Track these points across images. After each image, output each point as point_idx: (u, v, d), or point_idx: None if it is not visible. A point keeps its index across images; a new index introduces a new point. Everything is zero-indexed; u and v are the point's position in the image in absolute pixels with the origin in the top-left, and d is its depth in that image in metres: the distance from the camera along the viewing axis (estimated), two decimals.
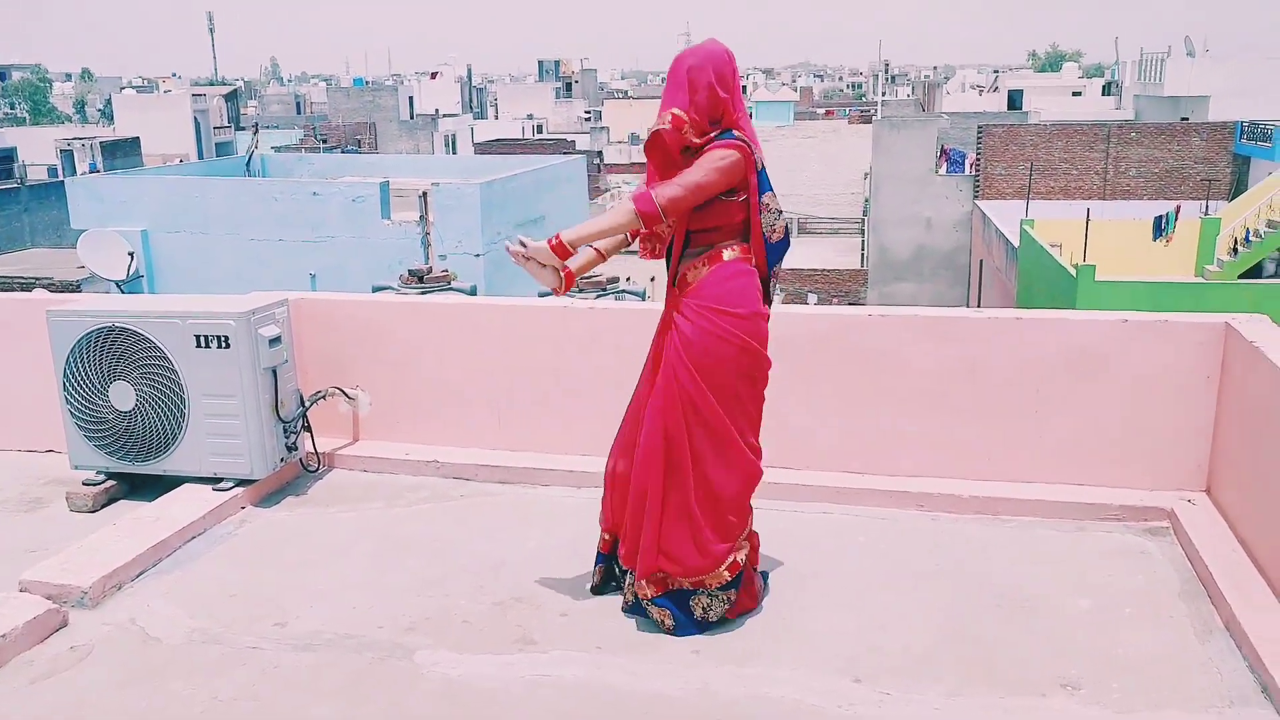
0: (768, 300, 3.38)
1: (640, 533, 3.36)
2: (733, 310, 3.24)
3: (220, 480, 4.46)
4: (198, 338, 4.34)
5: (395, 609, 3.57)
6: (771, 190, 3.31)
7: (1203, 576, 3.62)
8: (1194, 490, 4.18)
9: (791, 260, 37.93)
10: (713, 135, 3.25)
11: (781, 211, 3.36)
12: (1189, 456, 4.18)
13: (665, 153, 3.30)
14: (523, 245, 3.25)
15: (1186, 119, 32.66)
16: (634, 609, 3.46)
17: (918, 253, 31.81)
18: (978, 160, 30.62)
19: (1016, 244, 22.44)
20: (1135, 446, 4.23)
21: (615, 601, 3.58)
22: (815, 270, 35.48)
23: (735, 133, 3.25)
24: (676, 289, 3.37)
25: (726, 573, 3.34)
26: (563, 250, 3.23)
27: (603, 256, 3.44)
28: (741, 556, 3.39)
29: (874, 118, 40.90)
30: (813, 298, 32.82)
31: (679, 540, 3.31)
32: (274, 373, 4.47)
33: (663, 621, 3.36)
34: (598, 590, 3.61)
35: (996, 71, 77.75)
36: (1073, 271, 17.64)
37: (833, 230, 48.01)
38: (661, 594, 3.36)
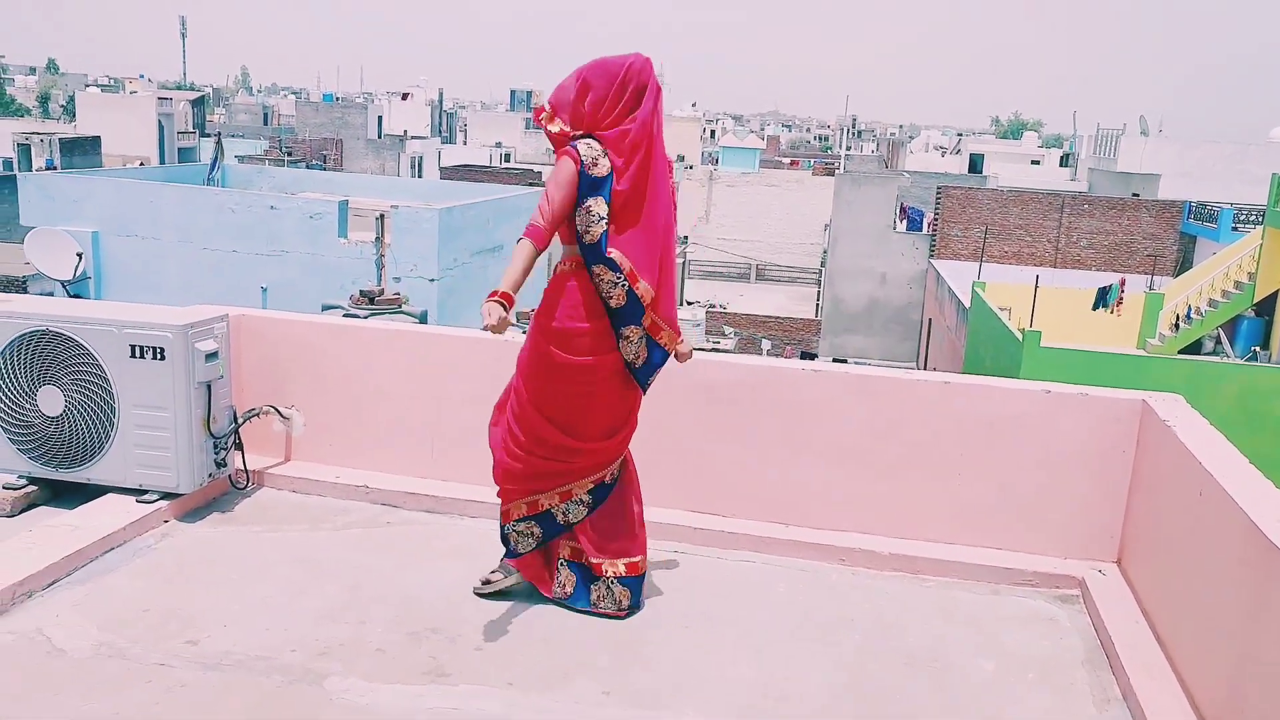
0: (607, 301, 3.57)
1: None
2: (540, 318, 3.66)
3: (145, 492, 4.42)
4: (133, 347, 4.31)
5: (310, 633, 3.55)
6: (604, 197, 3.50)
7: (1106, 646, 3.72)
8: (1105, 560, 4.29)
9: (747, 306, 38.23)
10: (575, 136, 3.55)
11: (604, 218, 3.52)
12: (1102, 528, 4.30)
13: (547, 134, 3.64)
14: (500, 320, 3.36)
15: (1137, 195, 33.53)
16: None
17: (871, 306, 32.25)
18: (935, 219, 31.19)
19: (967, 304, 22.84)
20: (1052, 515, 4.33)
21: (531, 636, 3.60)
22: (770, 317, 35.84)
23: (581, 139, 3.52)
24: None
25: (525, 506, 3.80)
26: (510, 300, 3.42)
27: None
28: (548, 505, 3.79)
29: (837, 171, 41.54)
30: (766, 344, 33.11)
31: (496, 468, 3.87)
32: (208, 387, 4.45)
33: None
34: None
35: (960, 134, 79.40)
36: (1019, 336, 17.98)
37: (790, 279, 48.55)
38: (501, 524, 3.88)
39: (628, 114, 3.51)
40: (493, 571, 3.93)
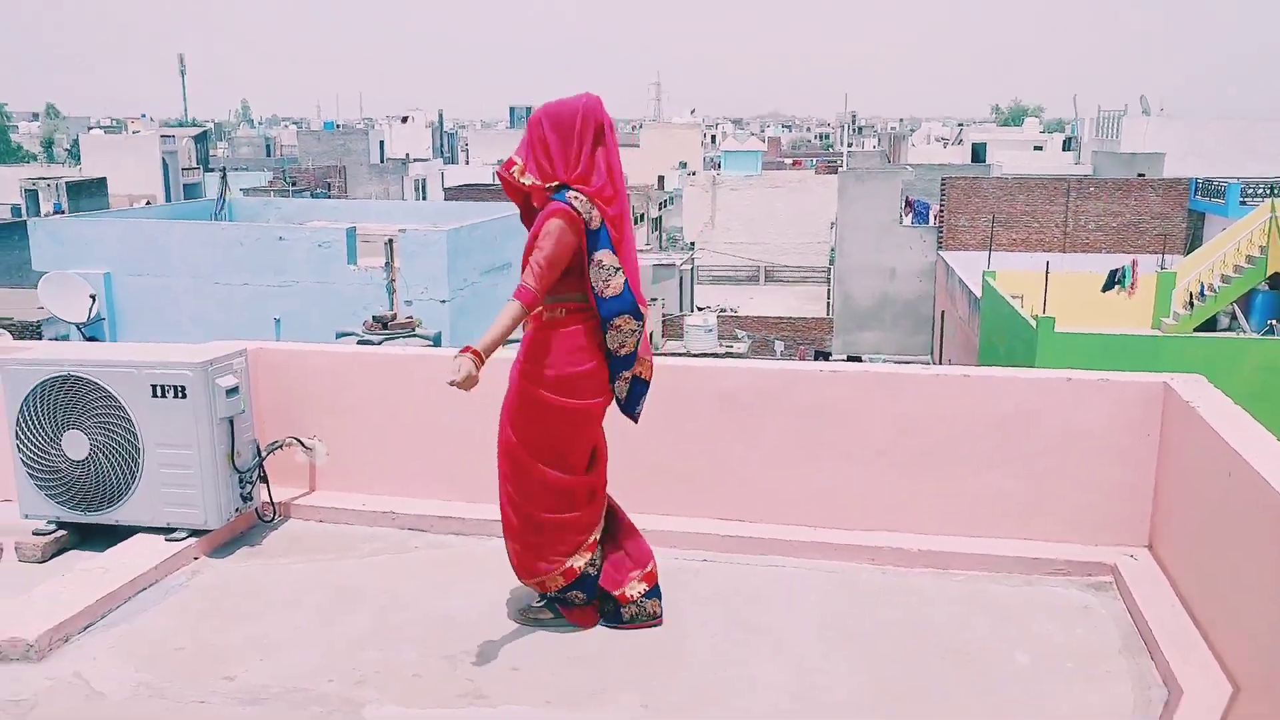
0: (614, 350, 3.61)
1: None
2: (530, 366, 3.60)
3: (173, 530, 4.44)
4: (154, 387, 4.34)
5: (345, 662, 3.56)
6: (610, 248, 3.55)
7: (1143, 632, 3.70)
8: (1136, 546, 4.27)
9: (758, 308, 38.22)
10: (552, 192, 3.52)
11: (619, 269, 3.56)
12: (1131, 513, 4.28)
13: (506, 186, 3.66)
14: (468, 378, 3.36)
15: (1143, 175, 33.41)
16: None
17: (882, 302, 32.19)
18: (941, 211, 31.14)
19: (979, 294, 22.78)
20: (1080, 502, 4.31)
21: (567, 654, 3.60)
22: (782, 318, 35.81)
23: (569, 192, 3.50)
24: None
25: (561, 578, 3.71)
26: (480, 360, 3.40)
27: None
28: (582, 566, 3.73)
29: (840, 168, 41.52)
30: (779, 345, 33.08)
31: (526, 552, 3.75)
32: (230, 423, 4.48)
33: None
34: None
35: (961, 125, 79.32)
36: (1033, 323, 17.92)
37: (799, 279, 48.51)
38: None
39: (591, 155, 3.55)
40: (539, 605, 3.87)
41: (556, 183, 3.54)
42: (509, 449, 3.69)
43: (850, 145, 62.54)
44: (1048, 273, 21.36)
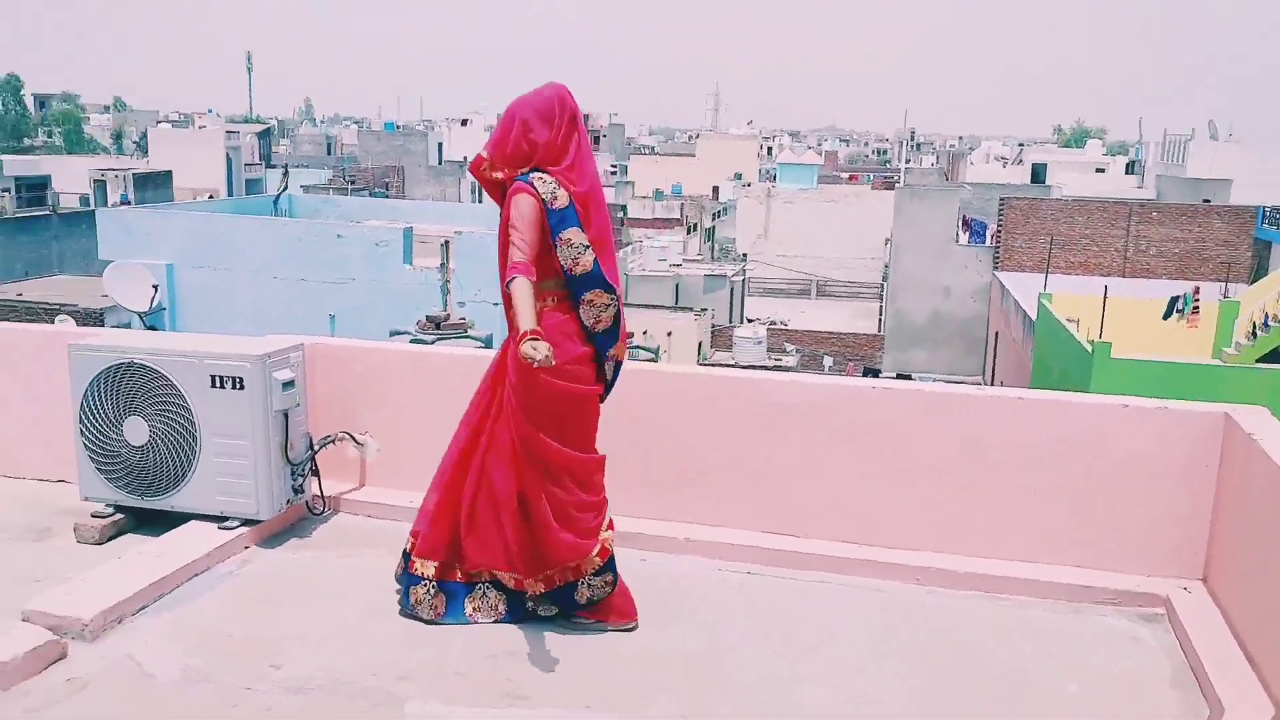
0: (590, 326, 3.69)
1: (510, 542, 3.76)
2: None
3: (226, 519, 4.52)
4: (213, 378, 4.42)
5: (389, 657, 3.60)
6: (578, 226, 3.64)
7: (1195, 666, 3.63)
8: (1190, 578, 4.19)
9: (808, 322, 38.04)
10: (517, 175, 3.64)
11: (588, 246, 3.64)
12: (1186, 544, 4.20)
13: (483, 183, 3.79)
14: (549, 353, 3.40)
15: (1208, 201, 32.79)
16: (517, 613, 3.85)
17: (934, 320, 31.88)
18: (998, 231, 30.78)
19: (1034, 317, 22.47)
20: (1133, 531, 4.24)
21: (609, 658, 3.61)
22: (832, 334, 35.58)
23: (532, 173, 3.62)
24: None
25: (598, 558, 3.74)
26: (540, 335, 3.46)
27: None
28: (609, 541, 3.79)
29: (897, 184, 41.22)
30: (828, 360, 32.88)
31: (553, 540, 3.71)
32: (285, 416, 4.55)
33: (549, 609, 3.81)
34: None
35: (1021, 144, 78.32)
36: (1089, 348, 17.64)
37: (851, 294, 48.18)
38: (545, 592, 3.77)
39: (568, 138, 3.68)
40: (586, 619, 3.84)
41: (524, 169, 3.64)
42: (526, 440, 3.68)
43: (908, 162, 62.07)
44: (1105, 297, 21.03)
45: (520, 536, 3.75)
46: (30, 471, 5.32)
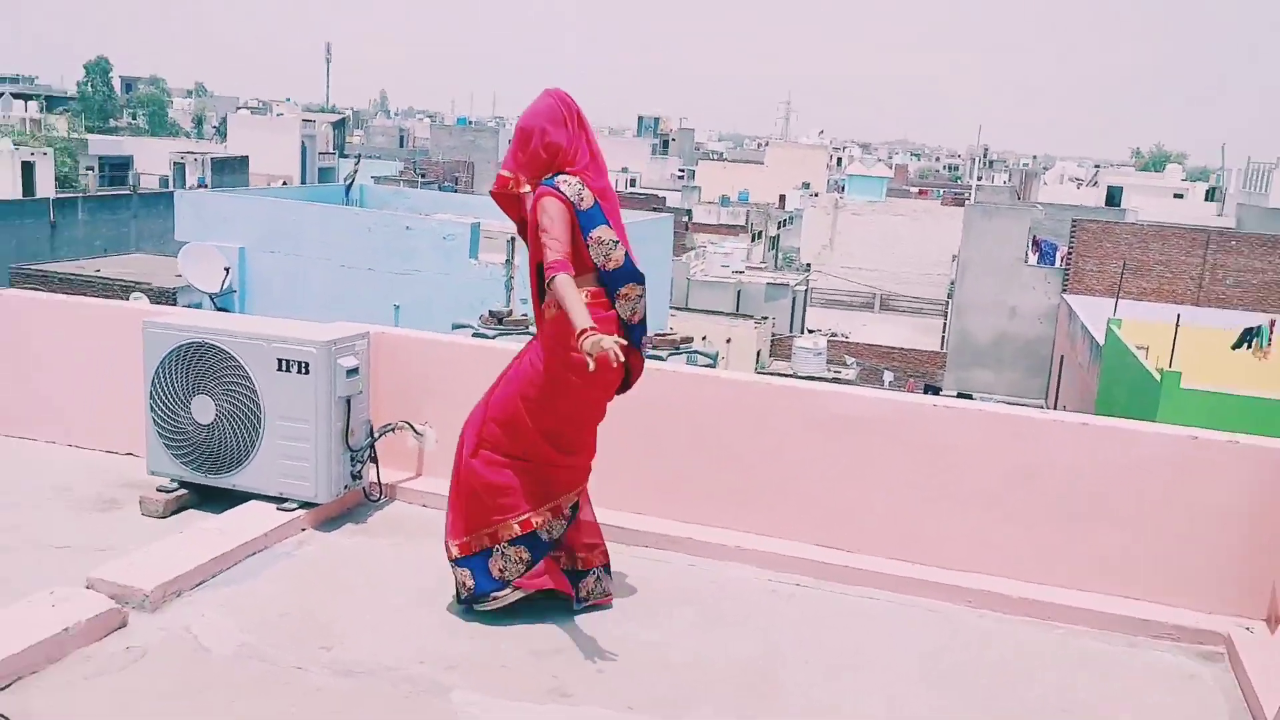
0: (627, 319, 3.74)
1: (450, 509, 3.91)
2: (558, 351, 3.68)
3: (285, 500, 4.60)
4: (280, 361, 4.51)
5: (437, 646, 3.64)
6: (606, 223, 3.72)
7: (1253, 708, 3.53)
8: (1254, 618, 4.08)
9: (869, 336, 37.69)
10: (541, 181, 3.72)
11: (618, 242, 3.72)
12: (1251, 583, 4.09)
13: (505, 201, 3.88)
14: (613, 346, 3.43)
15: None
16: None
17: (999, 340, 31.40)
18: (1069, 253, 30.23)
19: (1101, 342, 22.04)
20: (1195, 566, 4.15)
21: (655, 661, 3.61)
22: (893, 348, 35.26)
23: (556, 177, 3.70)
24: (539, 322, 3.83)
25: (517, 526, 3.79)
26: (594, 328, 3.48)
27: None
28: (537, 520, 3.81)
29: (967, 201, 40.69)
30: (888, 375, 32.56)
31: (484, 498, 3.82)
32: (348, 402, 4.63)
33: (464, 583, 3.84)
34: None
35: (1097, 166, 76.87)
36: (1157, 376, 17.25)
37: (915, 310, 47.66)
38: (463, 556, 3.83)
39: (579, 139, 3.77)
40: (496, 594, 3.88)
41: (545, 175, 3.72)
42: (511, 418, 3.78)
43: (979, 179, 61.22)
44: (1177, 325, 20.55)
45: (453, 493, 3.91)
46: (101, 443, 5.47)
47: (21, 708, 3.11)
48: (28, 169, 36.01)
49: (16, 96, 60.44)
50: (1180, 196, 51.59)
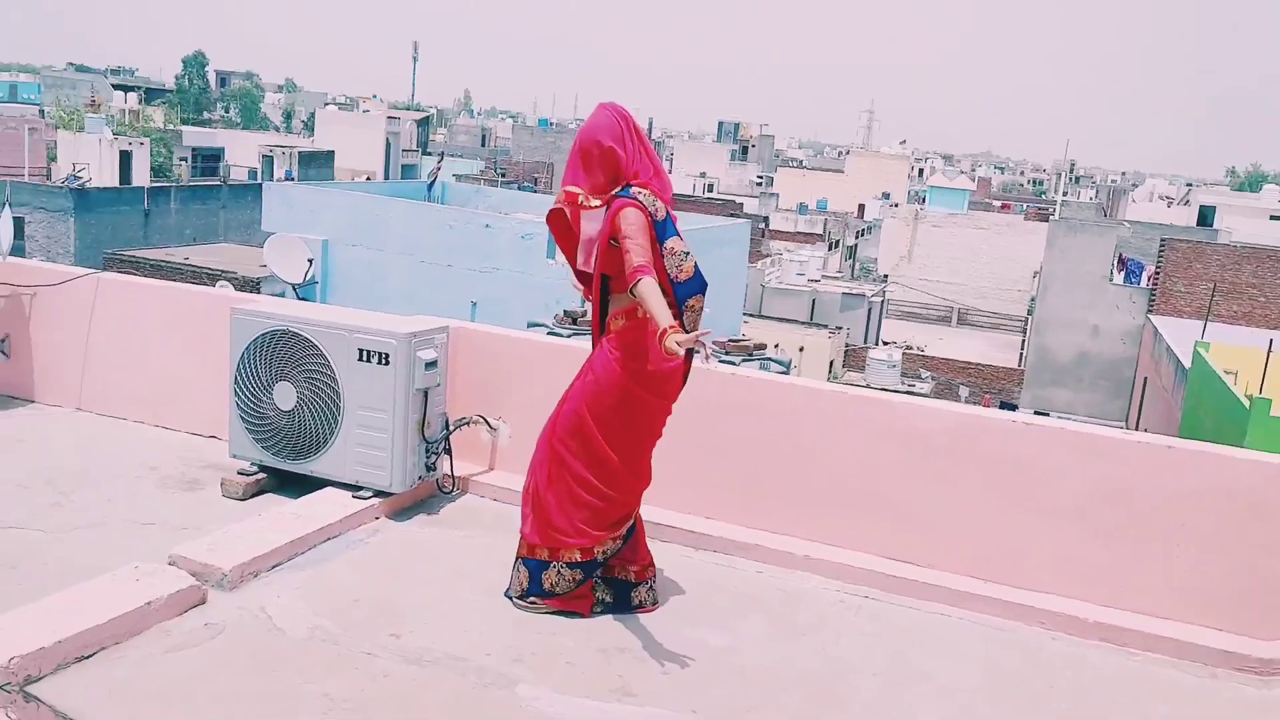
0: (689, 329, 3.72)
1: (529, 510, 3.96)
2: (632, 363, 3.74)
3: (360, 488, 4.68)
4: (361, 351, 4.59)
5: (505, 639, 3.67)
6: (677, 234, 3.78)
7: None
8: None
9: (945, 350, 37.12)
10: (614, 192, 3.76)
11: (689, 253, 3.76)
12: None
13: (561, 223, 3.91)
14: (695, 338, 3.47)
15: None
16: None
17: (1080, 359, 30.70)
18: (1157, 273, 29.45)
19: (1187, 365, 21.42)
20: None
21: (720, 665, 3.60)
22: (970, 363, 34.68)
23: (631, 188, 3.75)
24: (604, 332, 3.87)
25: (578, 553, 3.83)
26: (677, 326, 3.52)
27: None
28: (598, 548, 3.85)
29: (1051, 216, 39.87)
30: (964, 390, 32.03)
31: (554, 516, 3.86)
32: (425, 394, 4.69)
33: (520, 581, 3.92)
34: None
35: (1190, 184, 74.76)
36: (1247, 402, 16.71)
37: (993, 325, 46.83)
38: (527, 557, 3.91)
39: (641, 153, 3.82)
40: (531, 600, 3.93)
41: (616, 189, 3.76)
42: (579, 428, 3.81)
43: (1065, 194, 59.95)
44: (1269, 351, 19.88)
45: (526, 497, 3.97)
46: (186, 425, 5.62)
47: (104, 677, 3.21)
48: (125, 158, 37.23)
49: (117, 88, 62.49)
50: (1277, 218, 49.89)
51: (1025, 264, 46.35)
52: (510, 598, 3.95)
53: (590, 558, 3.87)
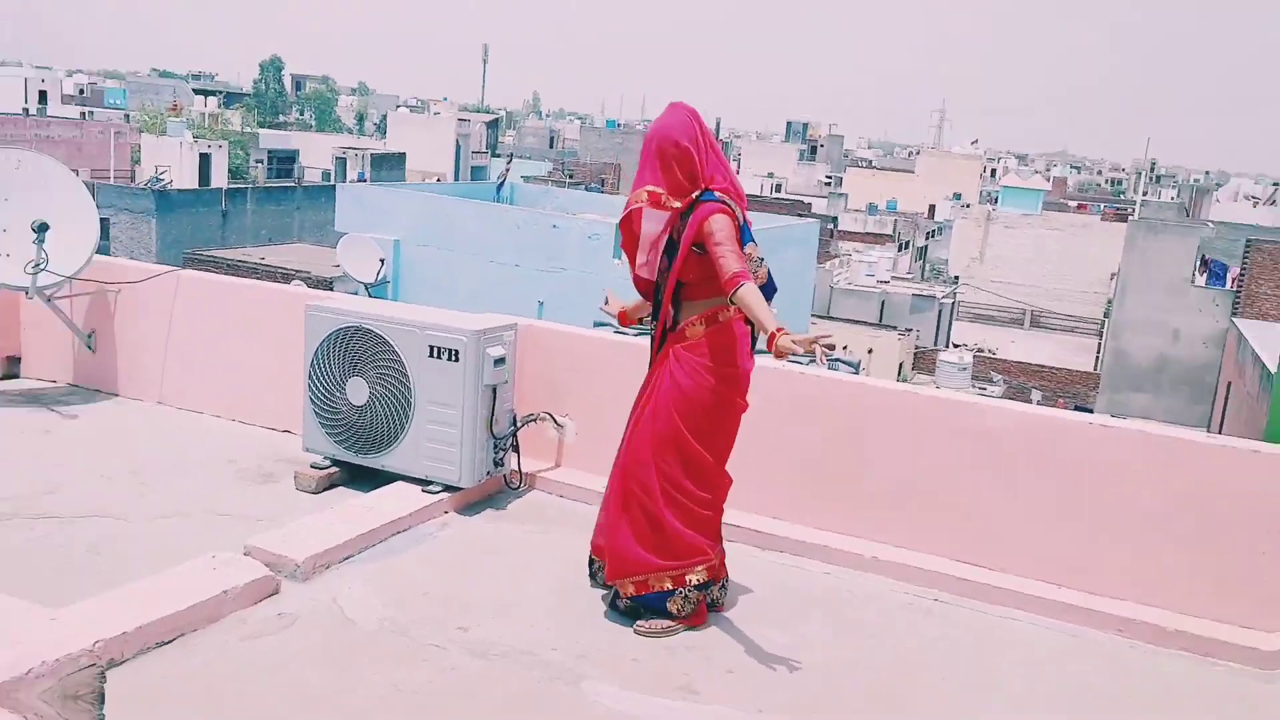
0: (754, 339, 3.80)
1: (618, 539, 3.83)
2: (721, 368, 3.73)
3: (430, 483, 4.73)
4: (431, 348, 4.65)
5: (571, 634, 3.69)
6: (753, 241, 3.79)
7: None
8: None
9: (1018, 353, 36.47)
10: (694, 195, 3.72)
11: (763, 259, 3.81)
12: None
13: (631, 228, 3.82)
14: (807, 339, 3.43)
15: None
16: (613, 606, 3.89)
17: (1159, 364, 29.93)
18: (1241, 275, 28.57)
19: (1274, 370, 20.77)
20: None
21: (787, 667, 3.57)
22: (1043, 367, 34.04)
23: (715, 193, 3.72)
24: (674, 335, 3.83)
25: (704, 572, 3.78)
26: (783, 329, 3.49)
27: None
28: (715, 561, 3.84)
29: (1130, 217, 38.94)
30: (1037, 394, 31.43)
31: (684, 536, 3.76)
32: (494, 391, 4.73)
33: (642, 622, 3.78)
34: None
35: (1276, 184, 72.46)
36: None
37: (1068, 328, 45.86)
38: (640, 594, 3.77)
39: (713, 156, 3.79)
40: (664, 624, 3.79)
41: (696, 191, 3.72)
42: (675, 434, 3.72)
43: (1145, 194, 58.49)
44: None
45: (632, 529, 3.80)
46: (262, 420, 5.74)
47: (183, 662, 3.29)
48: (204, 160, 38.22)
49: (198, 92, 64.15)
50: None
51: (1102, 265, 45.31)
52: (621, 609, 3.84)
53: (713, 576, 3.85)
